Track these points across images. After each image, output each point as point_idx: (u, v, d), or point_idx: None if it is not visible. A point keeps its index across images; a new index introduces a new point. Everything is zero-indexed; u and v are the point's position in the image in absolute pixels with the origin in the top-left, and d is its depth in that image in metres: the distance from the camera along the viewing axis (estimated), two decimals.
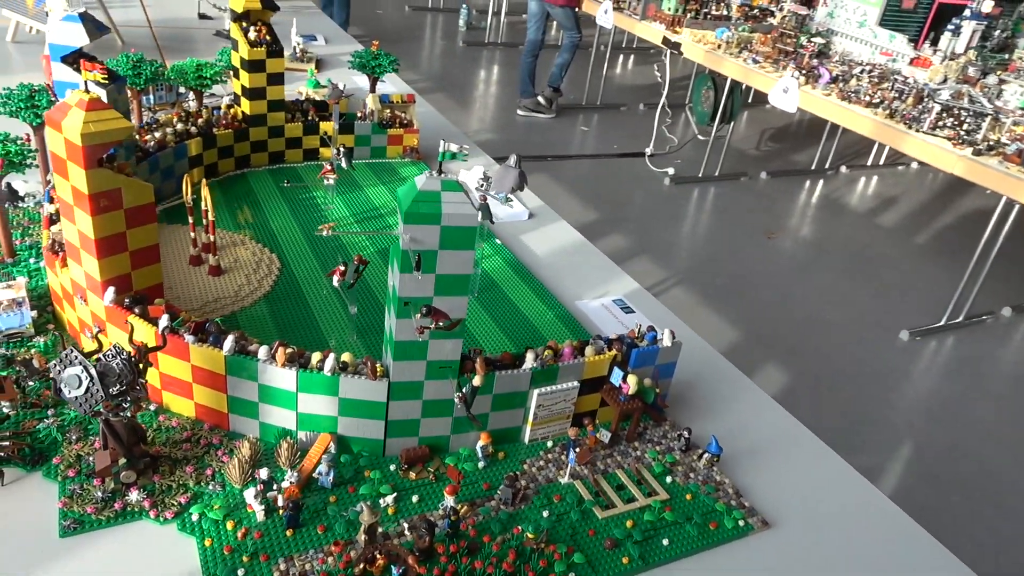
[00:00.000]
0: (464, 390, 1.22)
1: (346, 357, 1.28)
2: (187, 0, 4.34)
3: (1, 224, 1.67)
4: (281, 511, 1.16)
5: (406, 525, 1.16)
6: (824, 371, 3.91)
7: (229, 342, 1.24)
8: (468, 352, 1.34)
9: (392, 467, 1.30)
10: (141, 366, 1.17)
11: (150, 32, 3.45)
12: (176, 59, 2.37)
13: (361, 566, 1.08)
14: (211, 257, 1.74)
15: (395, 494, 1.24)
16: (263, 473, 1.21)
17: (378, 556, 1.10)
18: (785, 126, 7.92)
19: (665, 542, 1.24)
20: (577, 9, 6.72)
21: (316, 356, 1.27)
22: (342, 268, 1.55)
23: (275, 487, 1.21)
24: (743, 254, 5.10)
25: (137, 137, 2.00)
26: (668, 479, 1.37)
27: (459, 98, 7.42)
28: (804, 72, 4.63)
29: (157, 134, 2.04)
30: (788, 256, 5.20)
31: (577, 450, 1.38)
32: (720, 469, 1.42)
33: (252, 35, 2.19)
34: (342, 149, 2.09)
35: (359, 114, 2.47)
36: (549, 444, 1.41)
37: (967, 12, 4.65)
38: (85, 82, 1.25)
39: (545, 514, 1.25)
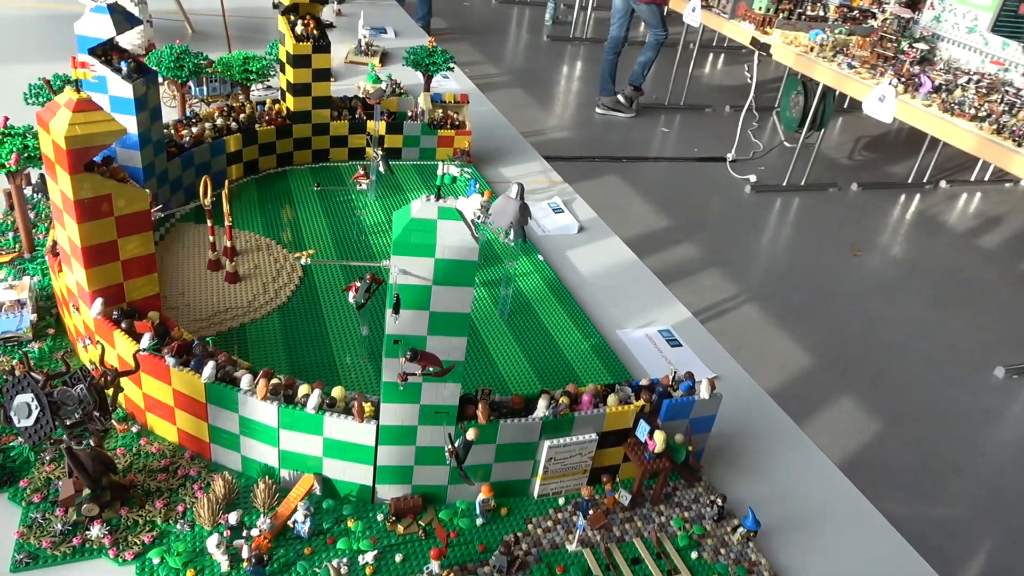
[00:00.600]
0: (456, 444, 1.08)
1: (336, 392, 1.16)
2: None
3: (21, 218, 1.62)
4: (245, 564, 1.05)
5: None
6: (906, 407, 3.59)
7: (209, 369, 1.14)
8: (475, 393, 1.20)
9: (380, 517, 1.17)
10: (111, 391, 1.07)
11: (223, 21, 3.43)
12: (248, 50, 2.30)
13: None
14: (228, 263, 1.66)
15: (376, 551, 1.11)
16: (232, 517, 1.10)
17: None
18: (882, 135, 7.43)
19: None
20: (664, 6, 6.46)
21: (303, 389, 1.16)
22: (357, 284, 1.43)
23: (245, 533, 1.10)
24: (825, 271, 4.77)
25: (173, 132, 1.94)
26: (694, 554, 1.19)
27: (537, 94, 7.27)
28: (903, 80, 4.27)
29: (194, 129, 1.98)
30: (875, 275, 4.84)
31: (591, 512, 1.21)
32: (757, 546, 1.23)
33: (299, 29, 2.10)
34: (380, 152, 1.97)
35: (409, 113, 2.36)
36: (561, 501, 1.26)
37: None
38: (76, 80, 1.16)
39: None
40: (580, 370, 1.58)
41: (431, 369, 1.02)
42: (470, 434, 1.08)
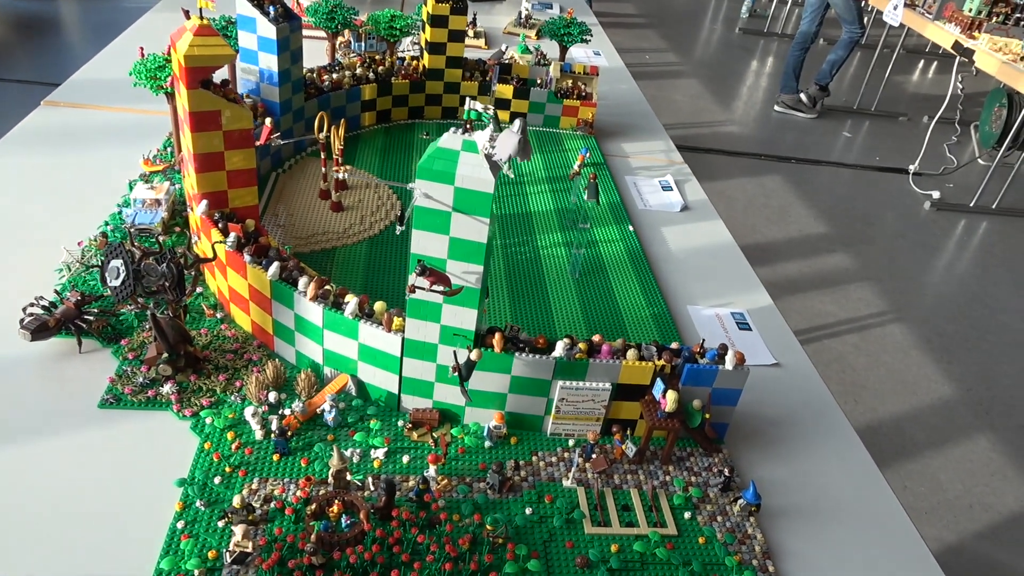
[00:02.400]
0: (459, 361, 1.17)
1: (377, 306, 1.29)
2: None
3: (176, 132, 1.90)
4: (272, 435, 1.21)
5: (370, 479, 1.15)
6: None
7: (274, 267, 1.31)
8: (504, 328, 1.29)
9: (401, 423, 1.30)
10: (192, 272, 1.27)
11: None
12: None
13: (313, 506, 1.09)
14: (334, 194, 1.84)
15: (385, 449, 1.23)
16: (271, 396, 1.27)
17: (336, 502, 1.11)
18: None
19: None
20: (863, 1, 6.06)
21: (349, 297, 1.30)
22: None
23: (280, 412, 1.26)
24: (996, 305, 4.33)
25: (315, 76, 2.16)
26: (687, 515, 1.21)
27: (716, 87, 7.09)
28: None
29: (335, 75, 2.19)
30: None
31: (594, 456, 1.27)
32: (757, 521, 1.23)
33: None
34: (491, 110, 2.08)
35: (539, 80, 2.45)
36: (571, 443, 1.32)
37: None
38: (200, 8, 1.37)
39: (528, 511, 1.17)
40: (633, 333, 1.61)
41: (439, 288, 1.11)
42: (473, 354, 1.17)
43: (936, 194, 5.40)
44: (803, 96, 6.57)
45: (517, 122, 0.98)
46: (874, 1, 6.00)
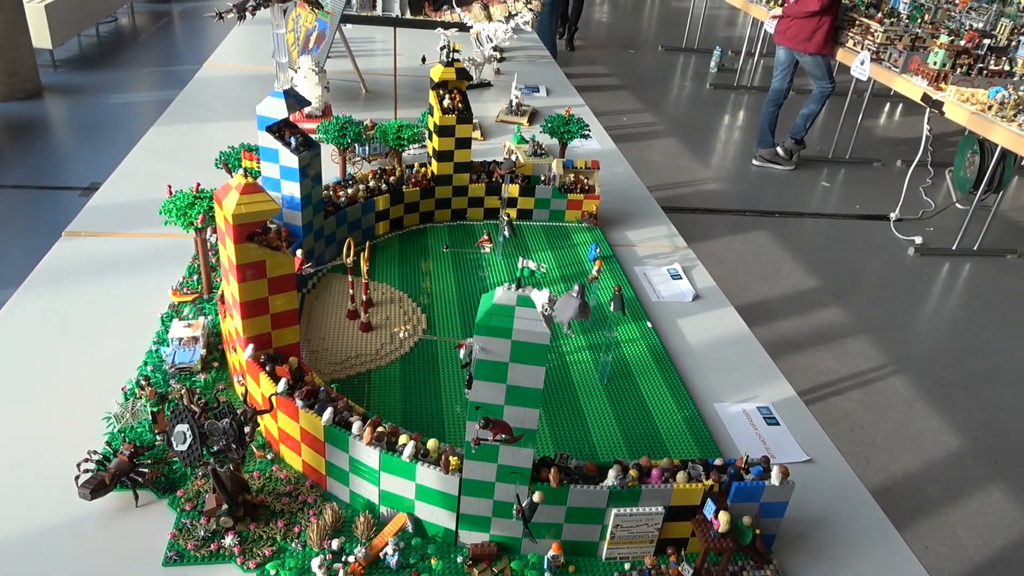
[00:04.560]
0: (523, 503, 1.21)
1: (430, 444, 1.33)
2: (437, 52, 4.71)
3: (204, 265, 1.94)
4: None
5: None
6: None
7: (328, 413, 1.34)
8: (553, 456, 1.33)
9: (460, 559, 1.32)
10: (248, 427, 1.30)
11: (394, 82, 3.82)
12: (413, 107, 2.57)
13: None
14: (363, 314, 1.89)
15: None
16: (334, 543, 1.29)
17: None
18: None
19: None
20: (830, 57, 6.30)
21: (403, 439, 1.33)
22: (469, 342, 1.60)
23: (343, 559, 1.28)
24: (990, 347, 4.43)
25: (332, 193, 2.22)
26: None
27: (693, 144, 7.28)
28: None
29: (350, 190, 2.26)
30: None
31: None
32: None
33: (446, 102, 2.35)
34: (506, 217, 2.16)
35: (542, 177, 2.53)
36: (627, 566, 1.35)
37: None
38: (245, 169, 1.43)
39: None
40: (669, 441, 1.66)
41: (501, 438, 1.16)
42: (536, 496, 1.20)
43: (919, 239, 5.55)
44: (780, 149, 6.77)
45: (576, 286, 1.04)
46: (841, 56, 6.24)
